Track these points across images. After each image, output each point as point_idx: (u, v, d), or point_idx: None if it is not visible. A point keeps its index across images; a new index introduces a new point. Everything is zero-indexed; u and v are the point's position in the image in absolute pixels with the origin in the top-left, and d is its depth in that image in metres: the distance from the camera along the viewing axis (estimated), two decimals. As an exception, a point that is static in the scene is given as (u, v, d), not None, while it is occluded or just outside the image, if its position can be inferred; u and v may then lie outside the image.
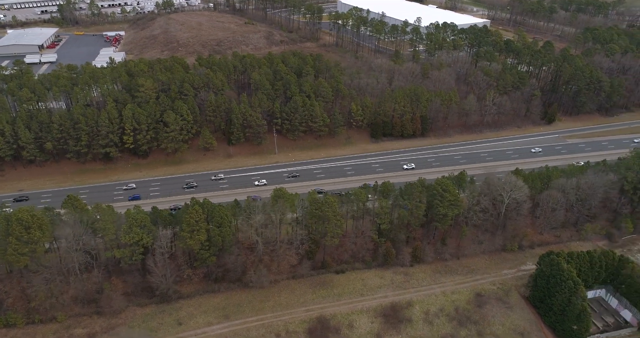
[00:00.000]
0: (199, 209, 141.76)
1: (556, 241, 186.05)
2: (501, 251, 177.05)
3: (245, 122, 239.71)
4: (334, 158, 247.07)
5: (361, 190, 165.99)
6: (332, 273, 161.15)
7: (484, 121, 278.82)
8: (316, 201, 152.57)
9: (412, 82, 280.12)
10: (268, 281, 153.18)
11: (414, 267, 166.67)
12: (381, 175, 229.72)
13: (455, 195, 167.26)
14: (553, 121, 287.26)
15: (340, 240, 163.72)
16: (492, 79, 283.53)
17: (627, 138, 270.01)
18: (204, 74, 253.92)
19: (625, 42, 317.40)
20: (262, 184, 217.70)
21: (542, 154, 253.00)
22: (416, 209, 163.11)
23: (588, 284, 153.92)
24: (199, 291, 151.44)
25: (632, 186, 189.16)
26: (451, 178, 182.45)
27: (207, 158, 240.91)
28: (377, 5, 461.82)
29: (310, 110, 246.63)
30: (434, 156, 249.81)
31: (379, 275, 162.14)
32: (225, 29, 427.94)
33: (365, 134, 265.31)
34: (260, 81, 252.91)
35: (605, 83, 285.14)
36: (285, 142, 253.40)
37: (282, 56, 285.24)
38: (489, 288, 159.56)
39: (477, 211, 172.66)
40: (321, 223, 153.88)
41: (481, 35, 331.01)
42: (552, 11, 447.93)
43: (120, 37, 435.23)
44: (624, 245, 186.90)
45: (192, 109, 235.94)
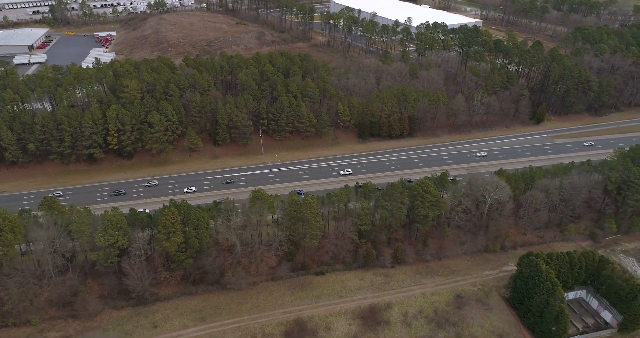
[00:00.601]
0: (175, 211, 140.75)
1: (539, 241, 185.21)
2: (483, 252, 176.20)
3: (231, 123, 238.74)
4: (320, 158, 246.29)
5: (342, 191, 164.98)
6: (311, 274, 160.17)
7: (472, 121, 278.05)
8: (295, 202, 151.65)
9: (401, 82, 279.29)
10: (246, 283, 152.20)
11: (395, 268, 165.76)
12: (367, 176, 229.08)
13: (437, 196, 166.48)
14: (542, 121, 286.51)
15: (320, 241, 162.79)
16: (480, 79, 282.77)
17: (615, 138, 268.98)
18: (190, 75, 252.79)
19: (614, 42, 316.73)
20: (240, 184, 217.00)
21: (528, 154, 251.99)
22: (397, 210, 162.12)
23: (568, 285, 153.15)
24: (176, 293, 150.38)
25: (615, 186, 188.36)
26: (433, 178, 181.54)
27: (192, 159, 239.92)
28: (369, 5, 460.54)
29: (296, 110, 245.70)
30: (421, 156, 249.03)
31: (359, 276, 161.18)
32: (217, 29, 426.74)
33: (353, 134, 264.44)
34: (247, 81, 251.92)
35: (594, 83, 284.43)
36: (272, 142, 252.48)
37: (270, 56, 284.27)
38: (470, 289, 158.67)
39: (459, 212, 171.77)
40: (300, 224, 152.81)
41: (471, 36, 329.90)
42: (544, 11, 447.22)
43: (111, 37, 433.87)
44: (607, 245, 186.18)
45: (177, 110, 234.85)
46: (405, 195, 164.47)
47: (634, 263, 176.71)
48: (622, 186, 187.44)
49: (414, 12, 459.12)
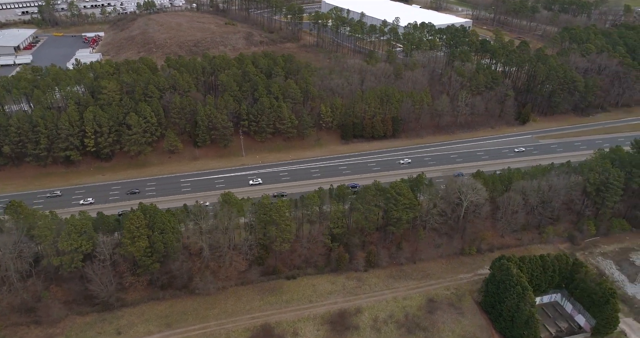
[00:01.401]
0: (140, 215, 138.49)
1: (517, 244, 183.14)
2: (459, 255, 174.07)
3: (211, 124, 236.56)
4: (302, 159, 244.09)
5: (314, 194, 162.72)
6: (282, 278, 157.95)
7: (457, 121, 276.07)
8: (264, 205, 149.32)
9: (385, 83, 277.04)
10: (215, 288, 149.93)
11: (368, 272, 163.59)
12: (348, 177, 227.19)
13: (411, 199, 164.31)
14: (527, 122, 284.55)
15: (292, 244, 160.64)
16: (465, 79, 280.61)
17: (600, 139, 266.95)
18: (170, 76, 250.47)
19: (601, 42, 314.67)
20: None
21: (512, 155, 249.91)
22: (370, 213, 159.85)
23: (542, 289, 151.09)
24: (143, 298, 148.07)
25: (594, 188, 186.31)
26: (409, 180, 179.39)
27: (172, 161, 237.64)
28: (360, 5, 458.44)
29: (277, 111, 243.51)
30: (403, 157, 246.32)
31: (330, 280, 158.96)
32: (205, 29, 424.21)
33: (336, 135, 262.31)
34: (228, 82, 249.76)
35: (579, 83, 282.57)
36: (253, 144, 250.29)
37: (253, 57, 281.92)
38: (443, 293, 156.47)
39: (434, 215, 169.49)
40: (271, 227, 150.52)
41: (458, 36, 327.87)
42: (534, 11, 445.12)
43: (99, 38, 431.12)
44: (586, 247, 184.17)
45: (156, 111, 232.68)
46: (379, 198, 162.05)
47: (611, 266, 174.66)
48: (601, 187, 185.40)
49: (405, 12, 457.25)
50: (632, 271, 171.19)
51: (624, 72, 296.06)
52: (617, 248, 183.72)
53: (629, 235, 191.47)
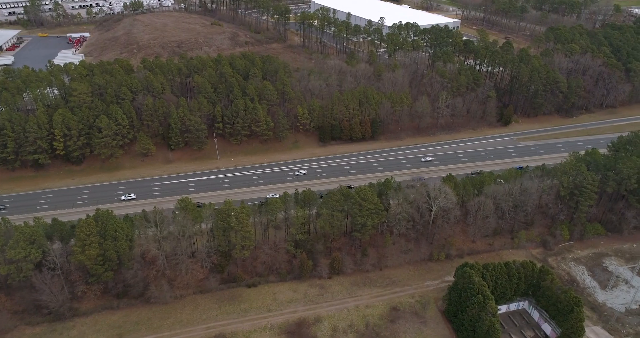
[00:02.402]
0: (91, 223, 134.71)
1: (488, 249, 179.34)
2: (427, 261, 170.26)
3: (184, 127, 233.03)
4: (277, 162, 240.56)
5: (277, 199, 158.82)
6: (243, 286, 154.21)
7: (437, 123, 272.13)
8: (222, 211, 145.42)
9: (365, 84, 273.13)
10: (171, 297, 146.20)
11: (332, 279, 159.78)
12: (322, 180, 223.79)
13: (377, 204, 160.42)
14: (509, 123, 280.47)
15: (255, 251, 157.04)
16: (446, 80, 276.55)
17: (582, 140, 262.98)
18: (144, 77, 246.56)
19: (586, 42, 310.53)
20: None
21: (492, 157, 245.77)
22: (333, 219, 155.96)
23: (507, 296, 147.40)
24: (97, 308, 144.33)
25: (568, 192, 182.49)
26: (379, 184, 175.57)
27: (145, 164, 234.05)
28: (350, 5, 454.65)
29: (253, 114, 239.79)
30: (380, 160, 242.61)
31: (292, 288, 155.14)
32: (190, 30, 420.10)
33: (314, 137, 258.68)
34: (202, 83, 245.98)
35: (562, 84, 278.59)
36: (229, 146, 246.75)
37: (230, 58, 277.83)
38: (407, 301, 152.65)
39: (401, 220, 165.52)
40: (230, 234, 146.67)
41: (442, 36, 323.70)
42: (522, 11, 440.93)
43: (83, 38, 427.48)
44: (559, 252, 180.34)
45: (128, 114, 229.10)
46: (343, 203, 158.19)
47: (583, 272, 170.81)
48: (575, 191, 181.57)
49: (393, 12, 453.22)
50: (604, 277, 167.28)
51: (607, 73, 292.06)
52: (591, 253, 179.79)
53: (604, 239, 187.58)
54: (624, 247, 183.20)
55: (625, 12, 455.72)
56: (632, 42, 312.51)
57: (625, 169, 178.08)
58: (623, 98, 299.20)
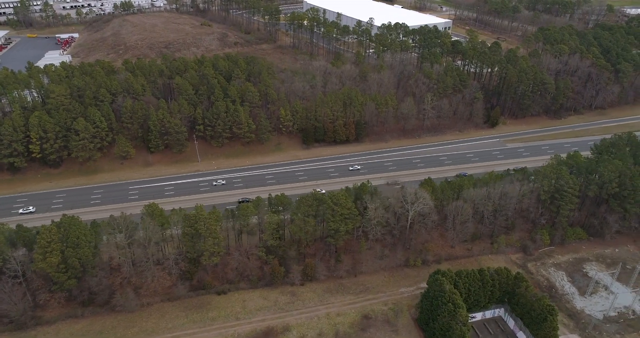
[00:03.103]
0: (53, 229, 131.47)
1: (467, 254, 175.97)
2: (403, 267, 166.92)
3: (164, 129, 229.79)
4: (259, 165, 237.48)
5: (248, 204, 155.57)
6: (212, 294, 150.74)
7: (423, 125, 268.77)
8: (189, 217, 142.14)
9: (351, 85, 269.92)
10: (138, 305, 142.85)
11: (305, 286, 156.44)
12: (303, 184, 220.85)
13: (350, 208, 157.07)
14: (496, 124, 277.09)
15: (226, 257, 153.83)
16: (432, 81, 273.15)
17: (569, 142, 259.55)
18: (123, 79, 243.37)
19: (575, 43, 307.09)
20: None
21: (477, 160, 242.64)
22: (305, 225, 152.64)
23: (481, 304, 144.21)
24: (61, 316, 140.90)
25: (548, 196, 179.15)
26: (355, 188, 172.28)
27: (124, 167, 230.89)
28: (342, 5, 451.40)
29: (234, 116, 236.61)
30: (363, 163, 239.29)
31: (263, 295, 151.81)
32: (179, 30, 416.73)
33: (297, 140, 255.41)
34: (183, 85, 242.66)
35: (550, 85, 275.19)
36: (211, 149, 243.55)
37: (214, 59, 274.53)
38: (380, 308, 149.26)
39: (374, 225, 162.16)
40: (197, 241, 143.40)
41: (430, 37, 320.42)
42: (515, 11, 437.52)
43: (72, 39, 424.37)
44: (539, 257, 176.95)
45: (106, 116, 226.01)
46: (315, 208, 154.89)
47: (563, 278, 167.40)
48: (556, 195, 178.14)
49: (385, 12, 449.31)
50: (583, 283, 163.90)
51: (596, 74, 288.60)
52: (572, 259, 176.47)
53: (586, 244, 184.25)
54: (605, 252, 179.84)
55: (618, 12, 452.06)
56: (622, 43, 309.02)
57: (606, 173, 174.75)
58: (612, 99, 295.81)
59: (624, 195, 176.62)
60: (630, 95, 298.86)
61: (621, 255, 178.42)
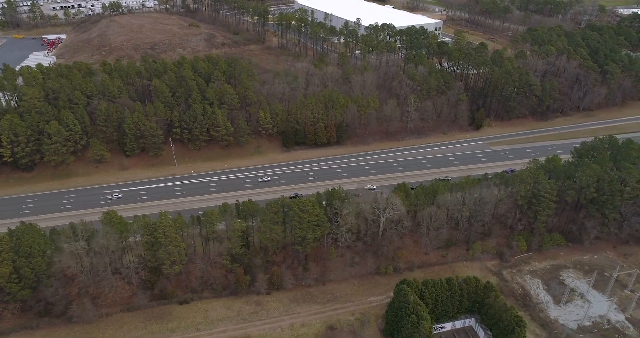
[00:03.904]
0: (4, 238, 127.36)
1: (441, 261, 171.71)
2: (375, 275, 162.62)
3: (139, 133, 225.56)
4: (237, 169, 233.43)
5: (213, 211, 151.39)
6: (175, 303, 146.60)
7: (407, 127, 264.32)
8: (148, 225, 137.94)
9: (334, 87, 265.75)
10: (95, 316, 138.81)
11: (271, 295, 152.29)
12: (280, 188, 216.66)
13: (318, 215, 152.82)
14: (481, 127, 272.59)
15: (190, 266, 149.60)
16: (416, 83, 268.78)
17: (554, 145, 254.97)
18: (99, 81, 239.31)
19: (563, 43, 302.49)
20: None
21: (459, 163, 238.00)
22: (270, 232, 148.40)
23: (450, 314, 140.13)
24: (16, 327, 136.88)
25: (525, 201, 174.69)
26: (326, 193, 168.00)
27: (99, 171, 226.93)
28: (333, 5, 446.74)
29: (211, 118, 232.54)
30: (343, 166, 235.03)
31: (227, 305, 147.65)
32: (166, 31, 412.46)
33: (277, 143, 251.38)
34: (160, 87, 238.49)
35: (535, 86, 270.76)
36: (188, 152, 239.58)
37: (194, 61, 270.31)
38: (346, 319, 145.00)
39: (345, 232, 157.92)
40: (157, 249, 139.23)
41: (416, 37, 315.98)
42: (506, 11, 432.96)
43: (59, 40, 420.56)
44: (515, 264, 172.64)
45: (80, 119, 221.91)
46: (282, 215, 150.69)
47: (538, 286, 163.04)
48: (533, 200, 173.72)
49: (376, 13, 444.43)
50: (559, 291, 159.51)
51: (584, 75, 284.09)
52: (549, 265, 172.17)
53: (565, 250, 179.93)
54: (583, 259, 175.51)
55: (610, 12, 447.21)
56: (610, 44, 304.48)
57: (584, 178, 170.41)
58: (600, 101, 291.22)
59: (602, 200, 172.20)
60: (618, 96, 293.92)
61: (600, 262, 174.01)
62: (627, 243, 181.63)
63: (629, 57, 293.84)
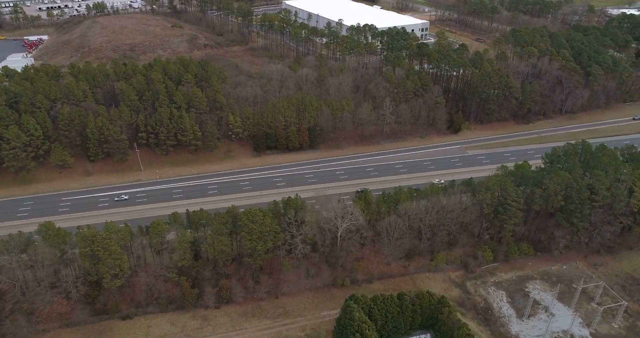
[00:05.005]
0: None
1: (403, 272, 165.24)
2: (331, 287, 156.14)
3: (102, 137, 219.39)
4: (204, 174, 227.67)
5: (160, 221, 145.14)
6: (117, 319, 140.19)
7: (383, 131, 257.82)
8: (86, 237, 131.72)
9: (309, 89, 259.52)
10: (31, 332, 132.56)
11: (220, 309, 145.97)
12: (247, 194, 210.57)
13: (269, 225, 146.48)
14: (459, 130, 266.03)
15: (135, 279, 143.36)
16: (392, 85, 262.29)
17: (533, 149, 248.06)
18: (64, 85, 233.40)
19: (546, 45, 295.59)
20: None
21: (433, 168, 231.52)
22: (217, 243, 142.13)
23: (401, 331, 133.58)
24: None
25: (492, 209, 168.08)
26: (282, 202, 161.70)
27: (62, 177, 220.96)
28: (320, 6, 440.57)
29: (179, 122, 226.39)
30: (314, 171, 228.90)
31: (172, 320, 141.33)
32: (148, 32, 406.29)
33: (249, 147, 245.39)
34: (126, 90, 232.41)
35: (515, 89, 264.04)
36: (156, 158, 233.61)
37: (165, 63, 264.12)
38: (296, 335, 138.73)
39: (299, 242, 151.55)
40: (97, 262, 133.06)
41: (397, 39, 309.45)
42: (494, 11, 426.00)
43: (40, 41, 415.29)
44: (481, 275, 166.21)
45: (42, 124, 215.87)
46: (230, 226, 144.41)
47: (502, 298, 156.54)
48: (499, 209, 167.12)
49: (363, 13, 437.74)
50: (523, 304, 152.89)
51: (566, 77, 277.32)
52: (515, 276, 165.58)
53: (533, 260, 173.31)
54: (552, 269, 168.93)
55: (600, 12, 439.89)
56: (595, 45, 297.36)
57: (551, 185, 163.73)
58: (583, 103, 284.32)
59: (570, 209, 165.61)
60: (602, 98, 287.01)
61: (568, 273, 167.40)
62: (598, 253, 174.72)
63: (613, 59, 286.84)
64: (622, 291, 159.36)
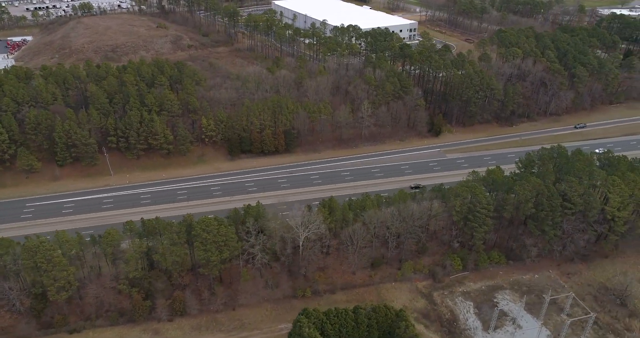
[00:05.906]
0: None
1: (368, 282, 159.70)
2: (291, 298, 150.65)
3: (70, 141, 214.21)
4: (177, 179, 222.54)
5: (112, 230, 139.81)
6: (64, 333, 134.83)
7: (361, 134, 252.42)
8: (29, 248, 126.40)
9: (286, 92, 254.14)
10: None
11: (174, 322, 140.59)
12: (216, 200, 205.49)
13: (225, 235, 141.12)
14: (440, 133, 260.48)
15: (84, 290, 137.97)
16: (371, 87, 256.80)
17: (514, 152, 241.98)
18: (32, 87, 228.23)
19: (531, 46, 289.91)
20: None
21: (410, 172, 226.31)
22: (169, 254, 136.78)
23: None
24: None
25: (461, 217, 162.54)
26: (244, 209, 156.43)
27: (29, 182, 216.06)
28: (309, 6, 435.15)
29: (149, 126, 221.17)
30: (287, 176, 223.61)
31: (122, 334, 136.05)
32: (132, 33, 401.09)
33: (223, 151, 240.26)
34: (96, 93, 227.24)
35: (497, 91, 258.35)
36: (126, 162, 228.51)
37: (139, 64, 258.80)
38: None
39: (257, 252, 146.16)
40: (41, 274, 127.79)
41: (379, 40, 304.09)
42: (483, 11, 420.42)
43: (24, 42, 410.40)
44: (449, 285, 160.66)
45: (8, 127, 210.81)
46: (184, 235, 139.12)
47: (469, 309, 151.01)
48: (469, 216, 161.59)
49: (351, 13, 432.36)
50: (490, 315, 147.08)
51: (550, 79, 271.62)
52: (484, 286, 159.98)
53: (504, 269, 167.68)
54: (523, 278, 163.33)
55: (591, 12, 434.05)
56: (580, 46, 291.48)
57: (521, 192, 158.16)
58: (567, 105, 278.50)
59: (541, 216, 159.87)
60: (587, 100, 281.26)
61: (540, 282, 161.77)
62: (572, 261, 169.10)
63: (599, 60, 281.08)
64: (594, 302, 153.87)
